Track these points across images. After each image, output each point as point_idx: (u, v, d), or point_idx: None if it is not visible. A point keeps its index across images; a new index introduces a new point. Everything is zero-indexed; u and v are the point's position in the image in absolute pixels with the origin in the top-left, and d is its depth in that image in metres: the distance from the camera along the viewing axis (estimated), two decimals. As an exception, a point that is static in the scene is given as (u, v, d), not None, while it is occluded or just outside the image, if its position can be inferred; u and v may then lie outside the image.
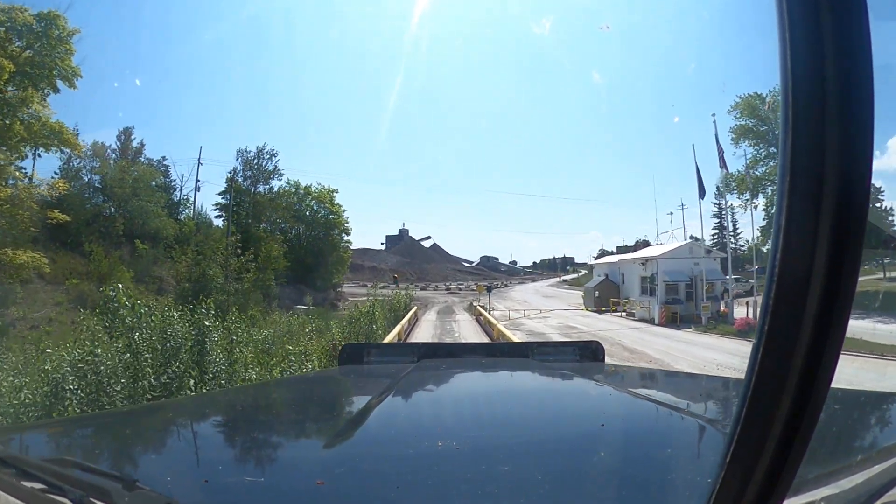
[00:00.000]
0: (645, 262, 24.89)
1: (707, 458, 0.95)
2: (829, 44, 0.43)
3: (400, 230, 78.91)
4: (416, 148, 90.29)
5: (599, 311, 26.85)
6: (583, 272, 73.75)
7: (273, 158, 33.79)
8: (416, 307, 27.06)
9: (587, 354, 2.44)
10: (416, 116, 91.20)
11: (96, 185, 26.00)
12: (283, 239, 32.42)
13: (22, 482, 0.88)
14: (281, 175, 34.02)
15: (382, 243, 75.84)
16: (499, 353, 2.97)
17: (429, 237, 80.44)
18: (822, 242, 0.44)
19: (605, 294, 28.13)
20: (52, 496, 0.83)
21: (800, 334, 0.44)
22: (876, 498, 0.80)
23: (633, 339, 16.27)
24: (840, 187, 0.43)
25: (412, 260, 71.03)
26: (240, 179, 32.37)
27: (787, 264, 0.45)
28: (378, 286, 34.30)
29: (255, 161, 33.38)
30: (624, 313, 24.96)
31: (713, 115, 24.32)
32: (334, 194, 35.91)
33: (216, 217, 32.15)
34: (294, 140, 68.11)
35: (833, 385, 0.46)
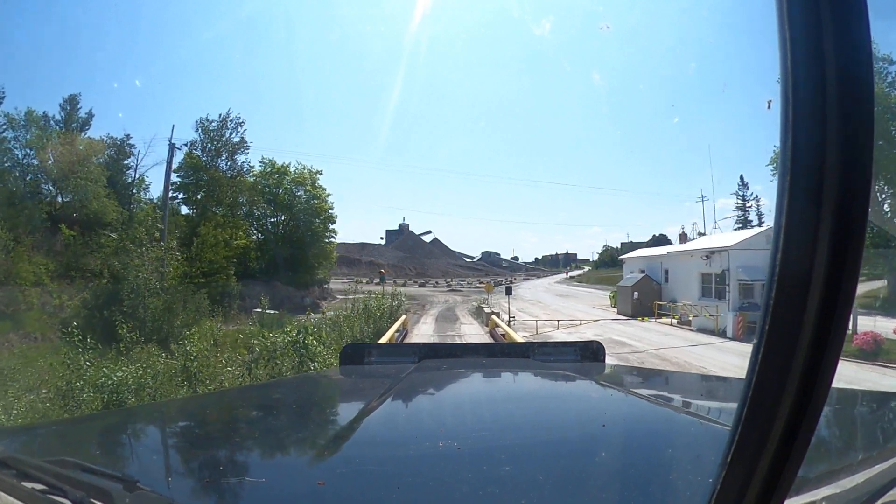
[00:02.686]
0: (710, 254, 19.07)
1: (708, 458, 0.94)
2: (829, 42, 0.43)
3: (400, 224, 77.65)
4: (416, 143, 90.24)
5: (639, 317, 21.11)
6: (586, 268, 73.68)
7: (239, 128, 27.54)
8: (404, 317, 18.29)
9: (588, 355, 2.44)
10: (416, 113, 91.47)
11: (31, 160, 20.78)
12: (258, 226, 28.28)
13: (22, 483, 0.88)
14: (248, 148, 28.13)
15: (382, 238, 75.54)
16: (499, 353, 2.97)
17: (429, 231, 79.63)
18: (822, 242, 0.43)
19: (645, 295, 22.54)
20: (53, 497, 0.83)
21: (800, 334, 0.44)
22: (877, 497, 0.80)
23: (723, 367, 11.27)
24: (840, 187, 0.43)
25: (412, 255, 70.13)
26: (199, 153, 26.44)
27: (787, 264, 0.45)
28: (370, 282, 29.85)
29: (217, 131, 26.88)
30: (674, 320, 19.34)
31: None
32: (317, 176, 30.18)
33: (177, 201, 25.98)
34: (291, 135, 67.85)
35: (833, 385, 0.46)
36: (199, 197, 25.61)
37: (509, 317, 19.78)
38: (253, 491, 0.94)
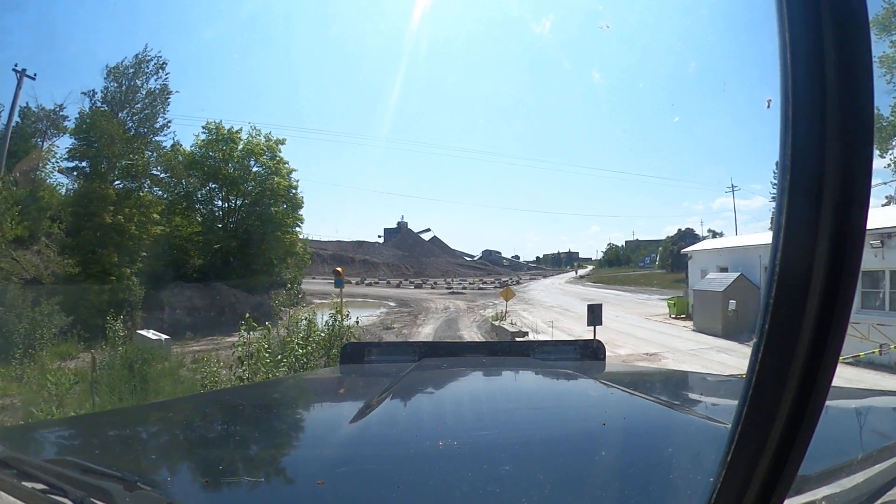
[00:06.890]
0: (887, 237, 11.60)
1: (708, 457, 0.94)
2: (829, 41, 0.43)
3: (398, 223, 76.87)
4: (415, 142, 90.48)
5: (735, 338, 14.70)
6: (590, 267, 73.47)
7: (160, 72, 19.53)
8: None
9: (588, 353, 2.44)
10: (416, 112, 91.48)
11: None
12: (207, 212, 21.47)
13: (23, 483, 0.88)
14: (169, 98, 19.78)
15: (380, 236, 75.09)
16: (500, 351, 2.97)
17: (428, 229, 78.81)
18: (822, 241, 0.44)
19: (742, 305, 15.60)
20: (53, 496, 0.83)
21: (800, 333, 0.44)
22: (877, 497, 0.80)
23: None
24: (840, 186, 0.43)
25: (410, 253, 69.19)
26: (107, 108, 18.88)
27: (787, 262, 0.45)
28: (360, 283, 22.90)
29: (132, 76, 19.10)
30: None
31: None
32: (278, 146, 22.75)
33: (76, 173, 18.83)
34: (290, 134, 67.47)
35: (834, 384, 0.46)
36: (97, 161, 18.33)
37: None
38: (253, 490, 0.94)
